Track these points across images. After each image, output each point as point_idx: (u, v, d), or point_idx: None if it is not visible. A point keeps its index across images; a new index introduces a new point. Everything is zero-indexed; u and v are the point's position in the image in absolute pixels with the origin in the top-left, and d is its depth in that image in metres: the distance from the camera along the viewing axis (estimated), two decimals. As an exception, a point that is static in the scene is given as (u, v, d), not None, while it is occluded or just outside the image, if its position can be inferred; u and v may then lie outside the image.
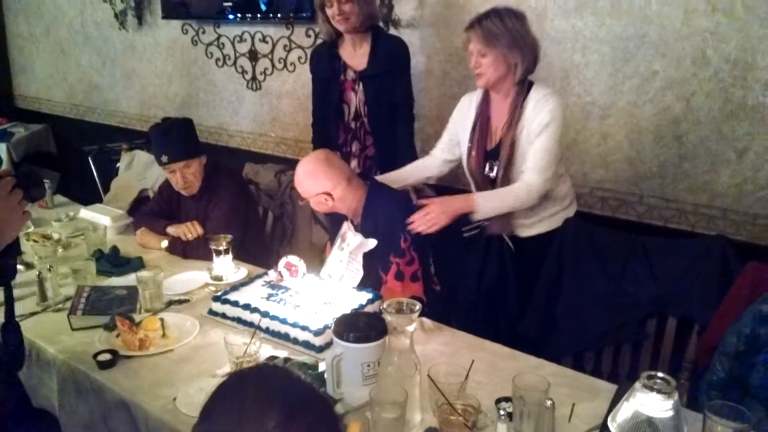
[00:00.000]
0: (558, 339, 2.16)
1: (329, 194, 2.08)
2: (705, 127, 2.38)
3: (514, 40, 2.08)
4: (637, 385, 1.09)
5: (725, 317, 1.80)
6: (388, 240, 2.04)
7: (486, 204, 2.12)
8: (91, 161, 4.33)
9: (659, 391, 1.07)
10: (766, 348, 1.50)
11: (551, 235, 2.24)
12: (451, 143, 2.37)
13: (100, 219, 2.77)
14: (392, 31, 3.01)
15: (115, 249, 2.41)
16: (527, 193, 2.09)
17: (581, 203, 2.69)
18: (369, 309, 1.84)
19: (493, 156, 2.20)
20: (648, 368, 1.23)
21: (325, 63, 2.71)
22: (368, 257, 2.07)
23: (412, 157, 2.57)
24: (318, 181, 2.08)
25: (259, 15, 3.54)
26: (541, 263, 2.24)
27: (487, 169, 2.22)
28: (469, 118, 2.29)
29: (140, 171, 3.74)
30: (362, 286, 2.02)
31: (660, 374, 1.08)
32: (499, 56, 2.09)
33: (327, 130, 2.75)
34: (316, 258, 2.27)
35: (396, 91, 2.63)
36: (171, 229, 2.52)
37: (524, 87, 2.15)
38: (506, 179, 2.17)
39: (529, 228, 2.26)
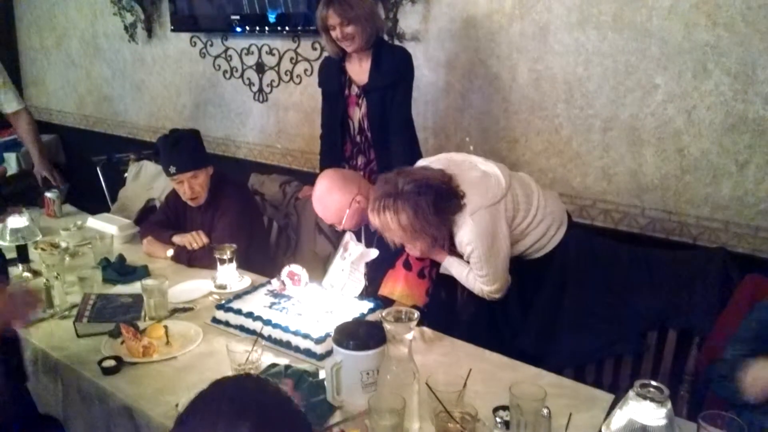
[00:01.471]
0: (559, 351, 2.17)
1: (361, 195, 2.11)
2: (706, 140, 2.39)
3: (415, 231, 1.92)
4: (631, 393, 1.10)
5: (725, 329, 1.81)
6: None
7: (450, 269, 2.13)
8: (99, 171, 4.38)
9: (652, 400, 1.08)
10: None
11: (553, 251, 2.25)
12: None
13: (108, 228, 2.81)
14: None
15: (121, 258, 2.44)
16: (480, 293, 2.10)
17: (584, 215, 2.71)
18: (370, 318, 1.86)
19: None
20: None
21: (332, 77, 2.72)
22: (385, 254, 2.10)
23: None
24: (342, 191, 2.12)
25: (266, 28, 3.59)
26: (543, 277, 2.24)
27: None
28: None
29: (147, 181, 3.78)
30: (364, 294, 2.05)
31: (653, 383, 1.10)
32: (410, 238, 1.97)
33: (334, 143, 2.76)
34: (319, 267, 2.29)
35: (394, 102, 2.61)
36: (176, 239, 2.54)
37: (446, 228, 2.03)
38: None
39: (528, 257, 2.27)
